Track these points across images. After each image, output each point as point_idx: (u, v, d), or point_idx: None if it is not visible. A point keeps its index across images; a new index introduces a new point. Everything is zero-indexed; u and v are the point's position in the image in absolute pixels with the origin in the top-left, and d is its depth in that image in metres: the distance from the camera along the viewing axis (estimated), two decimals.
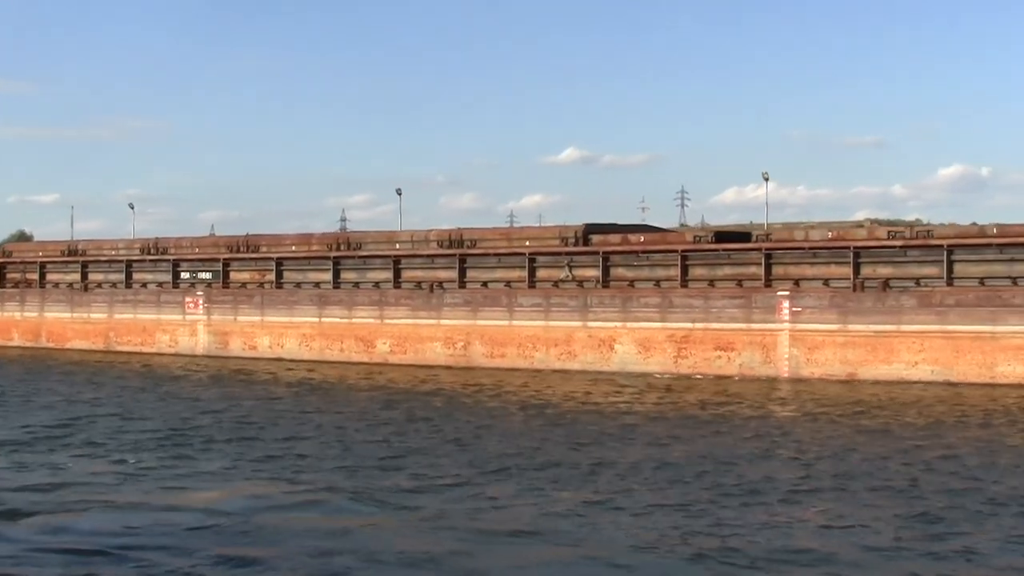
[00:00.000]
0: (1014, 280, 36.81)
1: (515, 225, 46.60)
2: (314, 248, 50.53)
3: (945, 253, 37.57)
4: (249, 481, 21.18)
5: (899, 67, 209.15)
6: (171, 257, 55.00)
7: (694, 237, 42.37)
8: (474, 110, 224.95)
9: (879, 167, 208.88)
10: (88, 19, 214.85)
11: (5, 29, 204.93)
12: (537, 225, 45.73)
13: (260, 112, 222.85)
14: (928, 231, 39.02)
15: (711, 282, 40.82)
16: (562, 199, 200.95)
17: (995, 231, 38.34)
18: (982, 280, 37.19)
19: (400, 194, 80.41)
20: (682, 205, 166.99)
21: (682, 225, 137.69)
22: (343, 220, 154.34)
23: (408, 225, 45.05)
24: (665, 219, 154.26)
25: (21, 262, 61.50)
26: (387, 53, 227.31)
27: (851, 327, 37.84)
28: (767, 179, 73.88)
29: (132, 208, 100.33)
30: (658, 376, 39.35)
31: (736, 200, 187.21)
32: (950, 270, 37.52)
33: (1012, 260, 37.05)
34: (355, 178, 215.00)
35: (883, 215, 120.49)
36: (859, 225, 63.66)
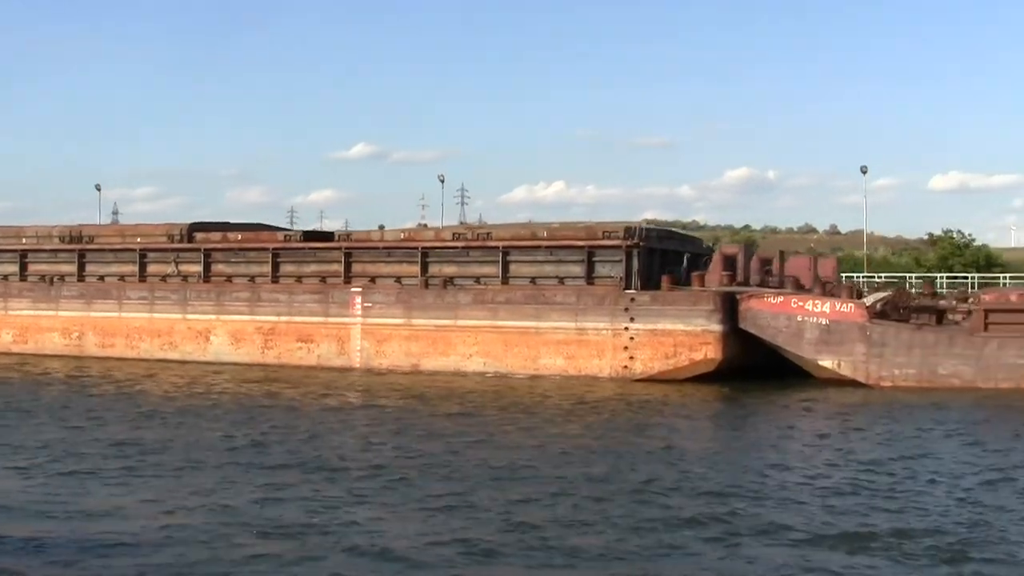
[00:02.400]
0: (561, 280, 40.85)
1: (128, 223, 48.50)
2: None
3: (501, 254, 41.51)
4: None
5: (686, 70, 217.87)
6: None
7: (284, 236, 45.51)
8: (263, 103, 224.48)
9: (668, 168, 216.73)
10: None
11: None
12: (148, 223, 47.77)
13: (37, 99, 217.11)
14: (488, 233, 42.74)
15: (299, 278, 43.98)
16: (353, 195, 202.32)
17: (545, 234, 42.44)
18: (534, 279, 41.19)
19: (99, 189, 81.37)
20: (462, 203, 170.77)
21: (461, 223, 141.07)
22: (115, 213, 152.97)
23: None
24: (449, 216, 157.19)
25: None
26: (176, 43, 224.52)
27: (415, 321, 41.36)
28: (443, 180, 78.02)
29: None
30: (246, 366, 42.09)
31: (526, 198, 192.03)
32: (506, 270, 41.46)
33: (560, 261, 41.16)
34: (140, 170, 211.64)
35: (670, 216, 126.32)
36: (468, 227, 67.44)
